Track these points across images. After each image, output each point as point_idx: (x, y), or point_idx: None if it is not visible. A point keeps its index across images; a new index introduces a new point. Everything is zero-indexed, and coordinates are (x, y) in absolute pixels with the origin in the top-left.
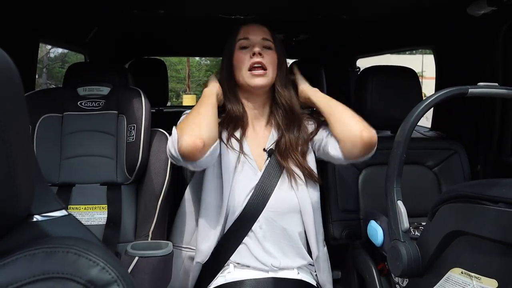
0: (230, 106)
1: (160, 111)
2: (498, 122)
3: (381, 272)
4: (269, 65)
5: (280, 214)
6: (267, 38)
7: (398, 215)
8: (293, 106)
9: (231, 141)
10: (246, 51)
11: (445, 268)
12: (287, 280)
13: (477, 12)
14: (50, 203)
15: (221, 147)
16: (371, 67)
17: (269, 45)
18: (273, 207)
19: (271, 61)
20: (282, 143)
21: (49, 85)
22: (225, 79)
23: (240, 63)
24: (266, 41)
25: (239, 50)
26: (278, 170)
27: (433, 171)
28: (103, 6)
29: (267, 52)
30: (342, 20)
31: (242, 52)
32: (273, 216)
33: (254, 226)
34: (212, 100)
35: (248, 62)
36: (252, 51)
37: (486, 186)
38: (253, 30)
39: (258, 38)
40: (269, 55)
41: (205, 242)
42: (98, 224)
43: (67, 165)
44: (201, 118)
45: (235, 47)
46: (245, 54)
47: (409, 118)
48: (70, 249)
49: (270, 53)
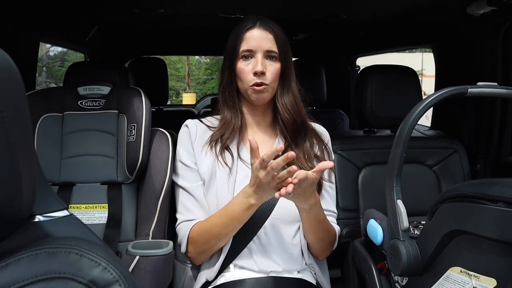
0: (229, 112)
1: (160, 110)
2: (498, 121)
3: (381, 271)
4: (271, 80)
5: (285, 222)
6: (272, 50)
7: (398, 214)
8: (299, 114)
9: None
10: (248, 62)
11: (444, 267)
12: (287, 279)
13: (477, 11)
14: (52, 203)
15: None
16: (370, 66)
17: (273, 56)
18: (279, 214)
19: (273, 78)
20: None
21: (48, 83)
22: (225, 85)
23: (243, 76)
24: (270, 52)
25: (241, 59)
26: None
27: (433, 170)
28: (103, 6)
29: (271, 64)
30: (341, 19)
31: (245, 62)
32: (278, 223)
33: (260, 231)
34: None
35: (250, 78)
36: (255, 69)
37: (485, 186)
38: (257, 38)
39: (262, 49)
40: (272, 70)
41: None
42: (99, 224)
43: (68, 165)
44: (227, 239)
45: (238, 56)
46: (247, 66)
47: (409, 117)
48: (72, 249)
49: (272, 68)
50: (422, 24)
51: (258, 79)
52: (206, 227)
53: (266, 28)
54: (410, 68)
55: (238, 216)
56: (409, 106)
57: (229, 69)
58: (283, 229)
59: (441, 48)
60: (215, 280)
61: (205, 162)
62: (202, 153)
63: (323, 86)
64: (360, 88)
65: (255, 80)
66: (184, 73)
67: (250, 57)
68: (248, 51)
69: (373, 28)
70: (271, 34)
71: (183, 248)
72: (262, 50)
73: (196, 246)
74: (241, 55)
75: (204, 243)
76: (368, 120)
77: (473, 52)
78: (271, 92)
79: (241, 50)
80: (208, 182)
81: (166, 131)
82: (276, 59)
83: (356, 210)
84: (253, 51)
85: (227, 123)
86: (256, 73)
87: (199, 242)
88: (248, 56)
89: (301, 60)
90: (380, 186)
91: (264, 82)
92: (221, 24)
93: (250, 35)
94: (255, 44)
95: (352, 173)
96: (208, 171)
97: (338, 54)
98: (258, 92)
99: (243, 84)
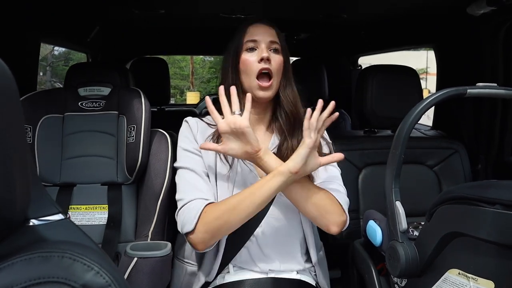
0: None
1: (162, 109)
2: (498, 121)
3: (380, 272)
4: (275, 73)
5: (282, 221)
6: (275, 41)
7: (397, 216)
8: (297, 110)
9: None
10: (253, 53)
11: (442, 269)
12: (286, 280)
13: (477, 11)
14: (47, 207)
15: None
16: (371, 66)
17: (277, 48)
18: (275, 213)
19: (277, 67)
20: (284, 148)
21: (53, 82)
22: (229, 83)
23: (248, 67)
24: (273, 44)
25: (246, 51)
26: None
27: (433, 170)
28: (104, 6)
29: (274, 57)
30: (342, 19)
31: (249, 54)
32: (275, 222)
33: (256, 231)
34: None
35: (256, 68)
36: (260, 56)
37: (483, 188)
38: (261, 31)
39: (266, 40)
40: (276, 60)
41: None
42: (99, 224)
43: (68, 165)
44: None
45: (242, 48)
46: (252, 57)
47: (408, 118)
48: (65, 254)
49: (277, 58)
50: (423, 24)
51: (264, 64)
52: (228, 201)
53: (269, 24)
54: (410, 68)
55: (270, 196)
56: (409, 106)
57: (232, 63)
58: (281, 228)
59: (442, 48)
60: (214, 280)
61: (205, 158)
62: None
63: (325, 86)
64: (361, 88)
65: (261, 66)
66: (188, 71)
67: (254, 49)
68: (253, 42)
69: (373, 28)
70: (273, 29)
71: (189, 227)
72: (266, 41)
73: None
74: (246, 47)
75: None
76: (368, 120)
77: (474, 52)
78: (275, 88)
79: (245, 41)
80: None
81: (165, 132)
82: (279, 52)
83: (356, 211)
84: (258, 42)
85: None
86: (262, 59)
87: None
88: (252, 48)
89: (302, 60)
90: (380, 187)
91: (270, 69)
92: (221, 24)
93: (254, 28)
94: (259, 35)
95: (352, 174)
96: (208, 167)
97: (339, 54)
98: (264, 89)
99: (248, 77)
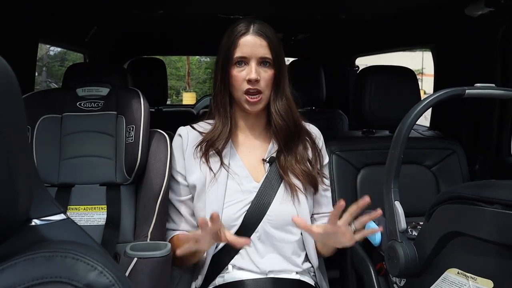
0: (219, 120)
1: (160, 110)
2: (496, 122)
3: (379, 271)
4: (265, 88)
5: (279, 227)
6: (265, 56)
7: (396, 216)
8: (292, 119)
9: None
10: (242, 68)
11: (442, 269)
12: (286, 280)
13: (475, 12)
14: (49, 207)
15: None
16: (369, 67)
17: (267, 61)
18: (272, 219)
19: (267, 84)
20: (282, 156)
21: (49, 83)
22: (218, 91)
23: (236, 83)
24: (264, 59)
25: (234, 66)
26: (277, 182)
27: (431, 170)
28: (102, 6)
29: (264, 70)
30: (340, 19)
31: (238, 69)
32: (272, 228)
33: (253, 236)
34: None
35: (244, 87)
36: (248, 76)
37: (482, 188)
38: (251, 45)
39: (256, 56)
40: (266, 77)
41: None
42: (98, 225)
43: (67, 166)
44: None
45: (231, 62)
46: (240, 73)
47: (406, 119)
48: (68, 254)
49: (266, 75)
50: (421, 25)
51: (252, 85)
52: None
53: (260, 34)
54: (408, 69)
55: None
56: (407, 106)
57: (221, 75)
58: (278, 233)
59: (440, 49)
60: (214, 281)
61: (197, 169)
62: (194, 161)
63: (322, 86)
64: (359, 88)
65: (249, 86)
66: (184, 72)
67: (244, 63)
68: (242, 58)
69: (372, 29)
70: (265, 40)
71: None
72: (256, 57)
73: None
74: (235, 61)
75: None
76: (366, 121)
77: (472, 52)
78: (265, 101)
79: (234, 57)
80: (199, 190)
81: (164, 132)
82: (269, 65)
83: None
84: (247, 58)
85: (216, 130)
86: (250, 81)
87: (174, 249)
88: (241, 62)
89: (300, 60)
90: (379, 187)
91: (258, 89)
92: (220, 24)
93: (244, 42)
94: (249, 51)
95: (350, 174)
96: (199, 178)
97: (337, 54)
98: (252, 104)
99: (236, 91)
